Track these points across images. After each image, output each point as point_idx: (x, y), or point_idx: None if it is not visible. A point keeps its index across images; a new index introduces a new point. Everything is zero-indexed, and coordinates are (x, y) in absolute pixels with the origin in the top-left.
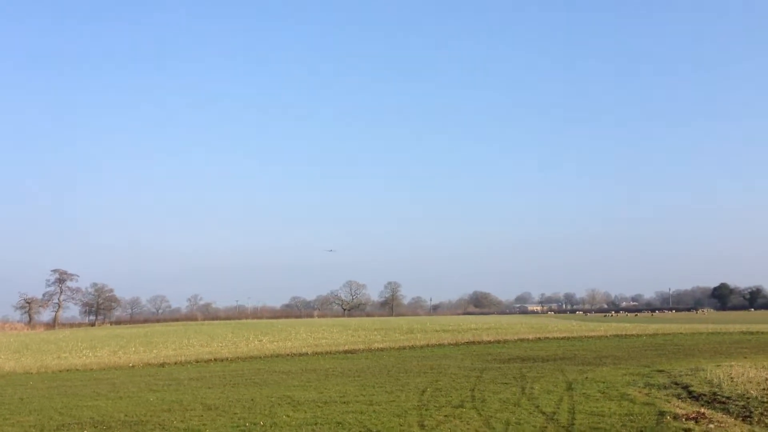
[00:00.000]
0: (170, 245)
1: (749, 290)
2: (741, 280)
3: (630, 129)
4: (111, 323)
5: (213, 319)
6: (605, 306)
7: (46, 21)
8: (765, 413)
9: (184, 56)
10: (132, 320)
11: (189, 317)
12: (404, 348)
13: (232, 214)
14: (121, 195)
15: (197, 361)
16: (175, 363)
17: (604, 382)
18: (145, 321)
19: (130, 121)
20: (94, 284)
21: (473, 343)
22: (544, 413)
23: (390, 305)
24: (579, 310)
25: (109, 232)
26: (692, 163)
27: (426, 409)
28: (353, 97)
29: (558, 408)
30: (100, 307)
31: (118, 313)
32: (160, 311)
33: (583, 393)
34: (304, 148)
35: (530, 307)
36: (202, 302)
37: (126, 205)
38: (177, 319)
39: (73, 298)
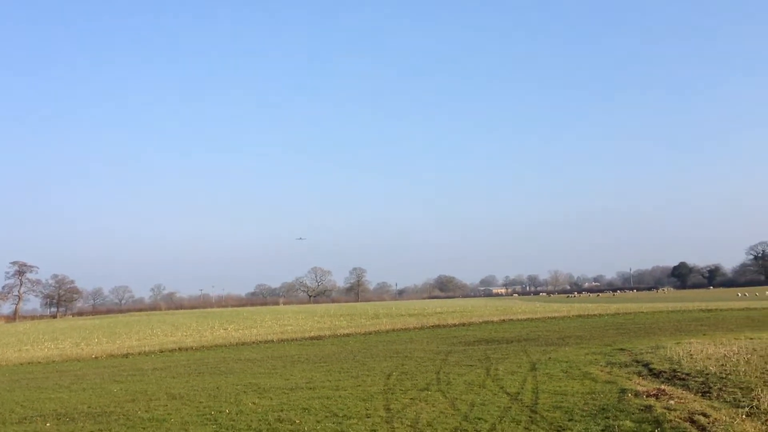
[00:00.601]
0: (132, 235)
1: (708, 269)
2: (700, 259)
3: (592, 115)
4: (73, 315)
5: (177, 308)
6: (568, 287)
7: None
8: (723, 389)
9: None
10: (94, 311)
11: (153, 307)
12: (370, 333)
13: (194, 202)
14: (81, 185)
15: (161, 351)
16: (139, 353)
17: (567, 362)
18: (108, 312)
19: (94, 112)
20: (55, 276)
21: (438, 326)
22: (508, 394)
23: (356, 291)
24: (543, 292)
25: (69, 223)
26: (651, 146)
27: (392, 393)
28: (318, 85)
29: (522, 388)
30: (62, 299)
31: (80, 304)
32: (123, 302)
33: (547, 373)
34: (270, 137)
35: (495, 290)
36: (165, 292)
37: (86, 195)
38: (140, 310)
39: (33, 290)
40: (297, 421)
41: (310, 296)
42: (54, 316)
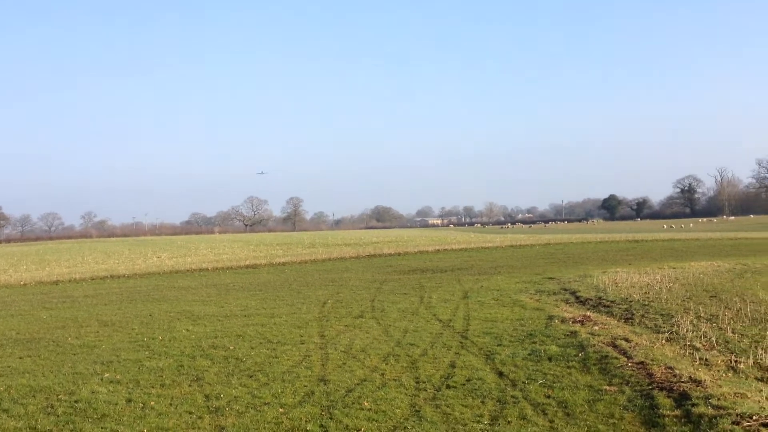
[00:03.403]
0: (62, 160)
1: (636, 201)
2: (629, 192)
3: (527, 44)
4: (0, 242)
5: (109, 236)
6: (502, 218)
7: None
8: (645, 315)
9: None
10: (23, 238)
11: (83, 235)
12: (306, 262)
13: (125, 128)
14: (9, 107)
15: (93, 279)
16: (70, 281)
17: (498, 290)
18: (37, 239)
19: (26, 32)
20: None
21: (374, 256)
22: (440, 321)
23: (292, 221)
24: (477, 223)
25: None
26: (585, 79)
27: (326, 321)
28: (262, 14)
29: (454, 315)
30: None
31: (7, 231)
32: (52, 229)
33: (479, 301)
34: (208, 60)
35: (431, 221)
36: (96, 219)
37: (14, 117)
38: (71, 237)
39: None
40: (231, 347)
41: (246, 225)
42: None
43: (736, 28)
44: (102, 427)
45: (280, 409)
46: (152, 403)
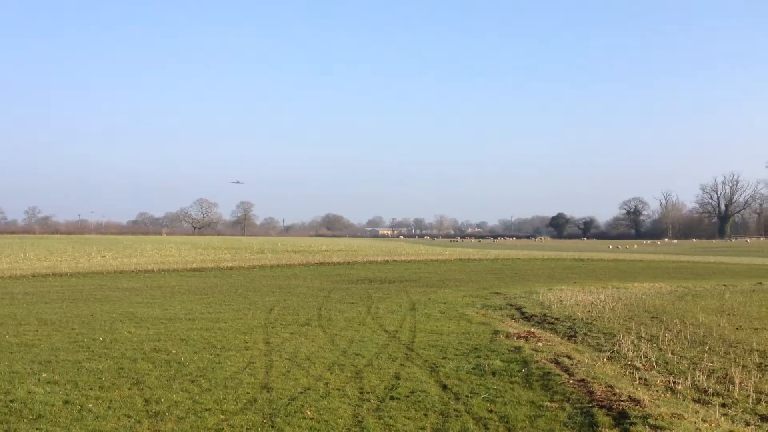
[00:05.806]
0: (6, 154)
1: (583, 221)
2: (576, 211)
3: (481, 66)
4: None
5: (52, 233)
6: (452, 232)
7: None
8: (588, 334)
9: None
10: None
11: (26, 230)
12: (254, 267)
13: (76, 124)
14: None
15: (34, 276)
16: (10, 277)
17: (445, 303)
18: None
19: None
20: None
21: (323, 264)
22: (387, 331)
23: (242, 225)
24: (427, 235)
25: None
26: (532, 101)
27: (272, 327)
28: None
29: (401, 327)
30: None
31: None
32: None
33: (425, 313)
34: (164, 60)
35: (381, 231)
36: (40, 215)
37: None
38: (13, 232)
39: None
40: (173, 351)
41: (194, 228)
42: None
43: (684, 56)
44: (37, 428)
45: (222, 416)
46: (90, 405)
